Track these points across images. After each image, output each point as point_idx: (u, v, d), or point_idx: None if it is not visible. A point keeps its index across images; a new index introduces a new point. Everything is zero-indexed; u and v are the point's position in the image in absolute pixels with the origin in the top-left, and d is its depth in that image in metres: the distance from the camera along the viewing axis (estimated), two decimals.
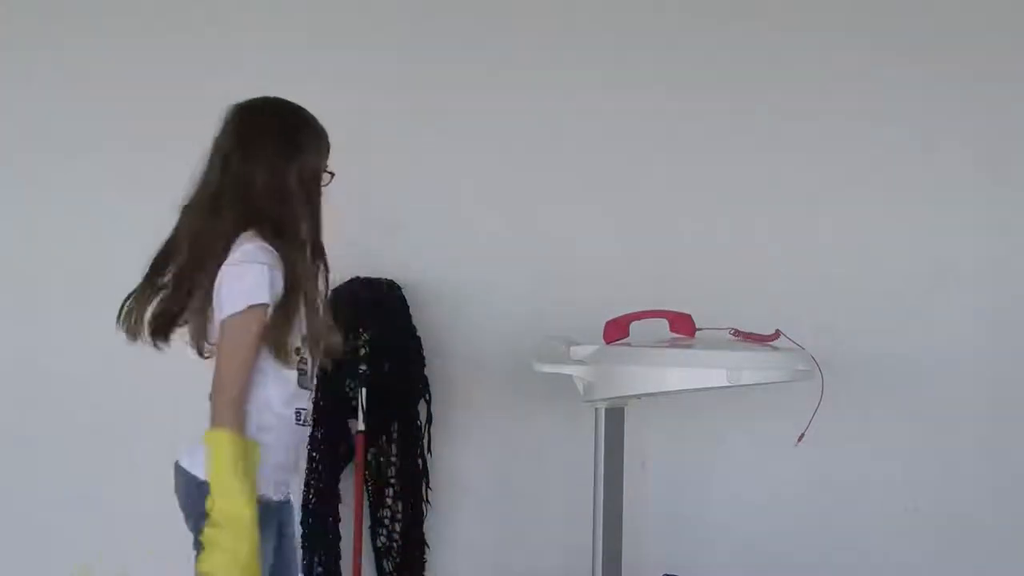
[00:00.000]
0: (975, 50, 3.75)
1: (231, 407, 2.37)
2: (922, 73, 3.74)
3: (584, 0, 3.69)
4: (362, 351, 3.48)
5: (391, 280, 3.56)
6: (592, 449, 3.23)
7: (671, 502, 3.71)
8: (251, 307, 2.38)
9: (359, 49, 3.60)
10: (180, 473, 2.46)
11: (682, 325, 3.25)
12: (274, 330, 2.39)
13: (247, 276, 2.39)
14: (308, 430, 2.59)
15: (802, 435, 3.15)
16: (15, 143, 3.52)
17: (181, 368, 3.53)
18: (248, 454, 2.36)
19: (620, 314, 3.28)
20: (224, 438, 2.35)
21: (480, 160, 3.47)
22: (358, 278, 3.54)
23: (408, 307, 3.59)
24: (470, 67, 3.61)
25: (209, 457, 2.35)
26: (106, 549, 3.55)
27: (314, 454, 3.48)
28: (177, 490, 2.48)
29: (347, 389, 3.50)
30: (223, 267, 2.41)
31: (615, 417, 3.22)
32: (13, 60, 3.52)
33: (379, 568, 3.51)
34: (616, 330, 3.27)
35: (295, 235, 2.47)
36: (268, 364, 2.43)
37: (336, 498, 3.51)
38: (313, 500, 3.48)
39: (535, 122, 3.59)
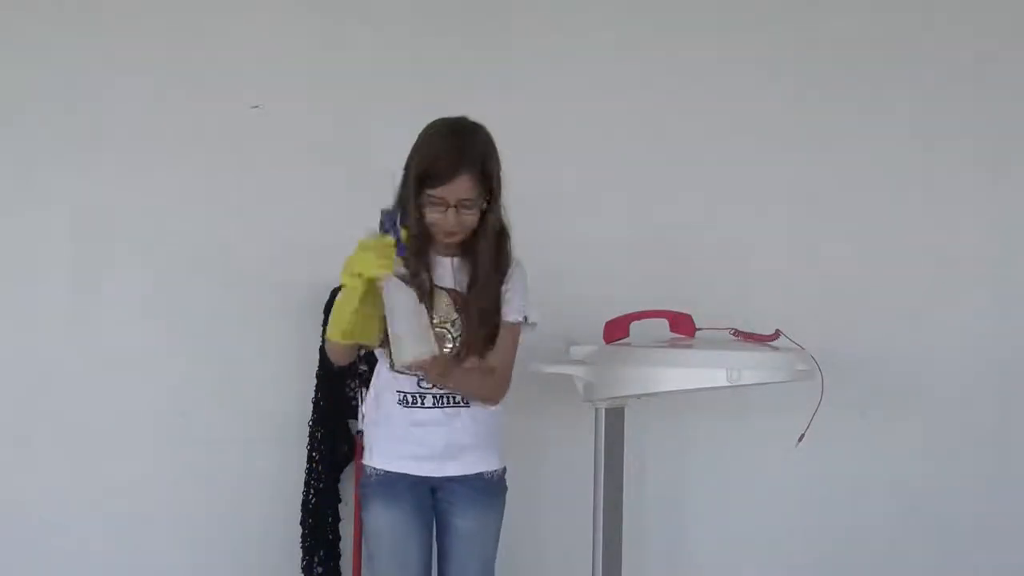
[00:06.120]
0: (975, 50, 3.75)
1: None
2: (922, 72, 3.74)
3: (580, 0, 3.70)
4: (362, 351, 3.47)
5: None
6: (592, 449, 3.23)
7: (671, 502, 3.71)
8: None
9: (360, 48, 3.59)
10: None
11: (682, 325, 3.25)
12: None
13: None
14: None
15: (802, 435, 3.15)
16: (15, 143, 3.52)
17: (181, 368, 3.57)
18: None
19: (620, 314, 3.28)
20: None
21: None
22: None
23: None
24: (470, 67, 3.60)
25: None
26: (105, 549, 3.55)
27: (314, 454, 3.48)
28: None
29: (347, 389, 3.50)
30: None
31: (615, 417, 3.22)
32: (12, 59, 3.52)
33: None
34: (616, 330, 3.27)
35: None
36: None
37: (336, 498, 3.51)
38: (313, 500, 3.48)
39: (534, 122, 3.59)
